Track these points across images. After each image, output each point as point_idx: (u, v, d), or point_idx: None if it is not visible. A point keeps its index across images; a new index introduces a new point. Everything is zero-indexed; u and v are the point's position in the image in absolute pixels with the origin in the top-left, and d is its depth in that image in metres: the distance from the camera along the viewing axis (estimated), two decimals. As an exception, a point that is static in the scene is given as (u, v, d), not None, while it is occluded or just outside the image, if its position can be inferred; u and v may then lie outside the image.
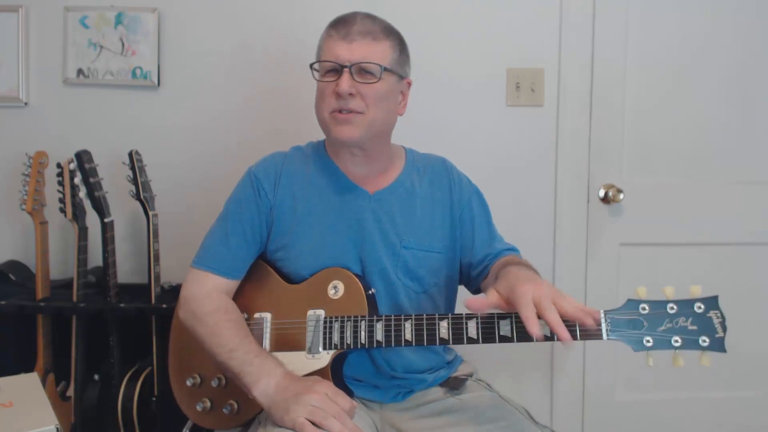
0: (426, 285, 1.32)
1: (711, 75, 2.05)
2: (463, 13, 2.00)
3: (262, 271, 1.33)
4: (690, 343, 1.04)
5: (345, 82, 1.20)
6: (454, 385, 1.33)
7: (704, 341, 1.04)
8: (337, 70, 1.21)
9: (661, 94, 2.05)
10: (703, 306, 1.05)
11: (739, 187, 2.08)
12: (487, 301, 1.05)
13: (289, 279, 1.30)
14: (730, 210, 2.08)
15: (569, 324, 1.06)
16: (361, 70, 1.21)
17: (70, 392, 1.79)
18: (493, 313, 1.12)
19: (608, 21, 2.00)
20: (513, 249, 1.37)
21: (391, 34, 1.26)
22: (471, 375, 1.38)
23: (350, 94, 1.20)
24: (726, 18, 2.03)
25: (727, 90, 2.05)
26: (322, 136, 1.38)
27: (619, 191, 2.02)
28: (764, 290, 2.10)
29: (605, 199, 2.05)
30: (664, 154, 2.06)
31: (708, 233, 2.08)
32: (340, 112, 1.22)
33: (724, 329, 1.04)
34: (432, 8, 1.99)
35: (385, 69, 1.22)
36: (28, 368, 1.77)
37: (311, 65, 1.26)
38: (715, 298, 1.06)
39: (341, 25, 1.23)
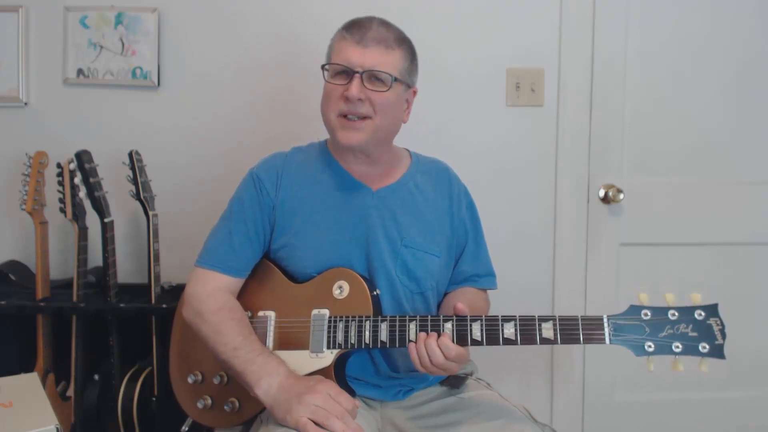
0: (423, 287, 1.32)
1: (711, 75, 2.05)
2: (464, 13, 2.00)
3: (266, 270, 1.33)
4: (690, 349, 1.06)
5: (355, 88, 1.20)
6: (455, 383, 1.33)
7: (704, 348, 1.06)
8: (347, 74, 1.22)
9: (661, 94, 2.05)
10: (703, 313, 1.07)
11: (739, 187, 2.08)
12: None
13: (293, 278, 1.30)
14: (730, 210, 2.08)
15: (572, 328, 1.08)
16: (372, 77, 1.22)
17: (70, 392, 1.79)
18: (496, 315, 1.13)
19: (608, 21, 2.00)
20: (488, 275, 1.43)
21: (404, 43, 1.27)
22: (471, 374, 1.38)
23: (359, 99, 1.21)
24: (726, 18, 2.03)
25: (727, 90, 2.05)
26: (322, 136, 1.39)
27: (619, 191, 2.02)
28: (764, 290, 2.10)
29: (605, 199, 2.05)
30: (664, 154, 2.06)
31: (708, 233, 2.08)
32: (346, 117, 1.23)
33: (724, 336, 1.06)
34: (432, 8, 1.99)
35: (396, 79, 1.23)
36: (28, 368, 1.76)
37: (323, 66, 1.27)
38: (715, 306, 1.08)
39: (356, 28, 1.24)
